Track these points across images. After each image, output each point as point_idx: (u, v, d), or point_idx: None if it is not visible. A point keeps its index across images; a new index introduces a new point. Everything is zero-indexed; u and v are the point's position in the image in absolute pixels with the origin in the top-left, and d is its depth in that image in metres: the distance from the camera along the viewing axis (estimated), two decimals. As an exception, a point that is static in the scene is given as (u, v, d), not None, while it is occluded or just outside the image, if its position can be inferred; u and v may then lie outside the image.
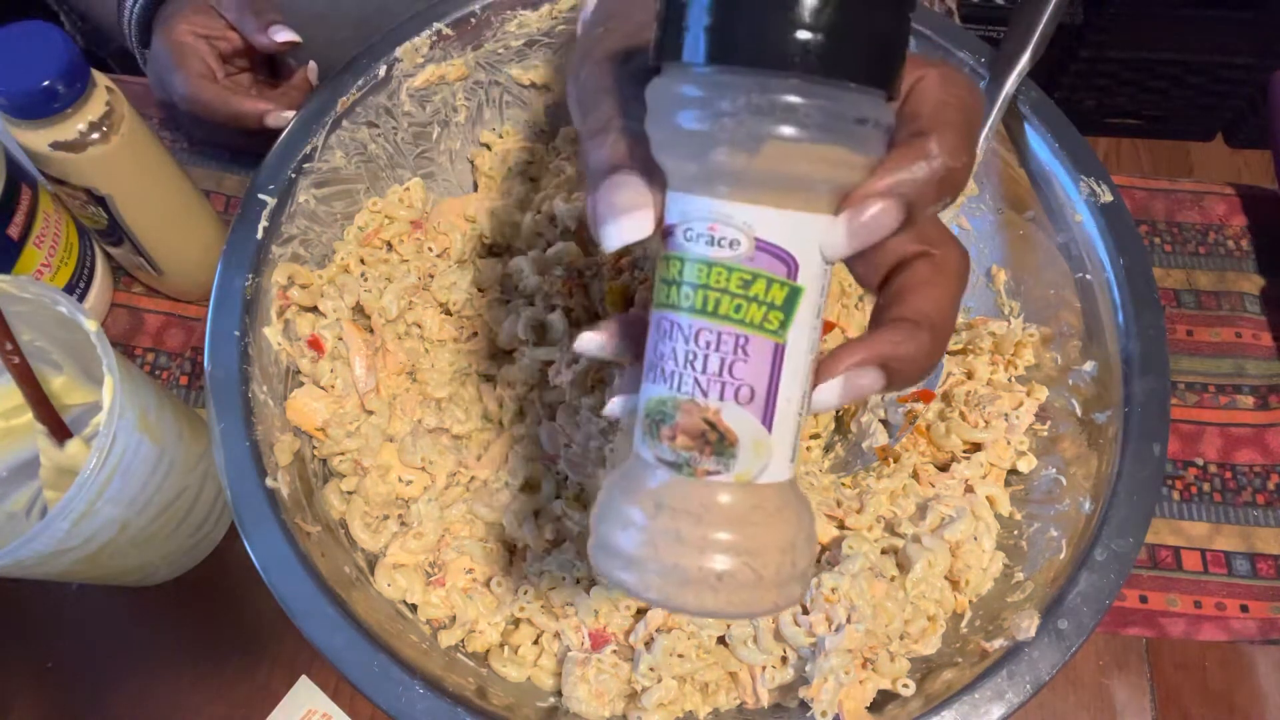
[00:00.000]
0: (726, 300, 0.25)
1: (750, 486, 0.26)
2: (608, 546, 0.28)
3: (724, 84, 0.24)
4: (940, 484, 0.50)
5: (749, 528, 0.26)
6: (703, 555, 0.26)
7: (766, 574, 0.26)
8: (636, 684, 0.44)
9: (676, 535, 0.26)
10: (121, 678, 0.55)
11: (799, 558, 0.27)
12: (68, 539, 0.44)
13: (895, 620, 0.43)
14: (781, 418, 0.26)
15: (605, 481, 0.29)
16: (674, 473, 0.26)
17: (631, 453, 0.28)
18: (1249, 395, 0.63)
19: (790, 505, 0.27)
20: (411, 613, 0.48)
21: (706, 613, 0.26)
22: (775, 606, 0.27)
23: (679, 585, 0.26)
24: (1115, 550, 0.43)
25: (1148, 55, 1.41)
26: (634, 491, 0.27)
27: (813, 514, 0.28)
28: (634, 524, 0.27)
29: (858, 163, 0.25)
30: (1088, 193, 0.50)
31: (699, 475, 0.26)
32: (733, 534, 0.26)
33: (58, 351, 0.53)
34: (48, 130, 0.51)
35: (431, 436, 0.52)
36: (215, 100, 0.57)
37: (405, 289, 0.54)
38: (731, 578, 0.26)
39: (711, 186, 0.25)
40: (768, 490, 0.27)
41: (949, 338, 0.28)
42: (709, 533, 0.26)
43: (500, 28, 0.58)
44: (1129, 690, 0.55)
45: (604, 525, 0.28)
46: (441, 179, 0.62)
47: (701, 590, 0.26)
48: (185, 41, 0.58)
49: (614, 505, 0.28)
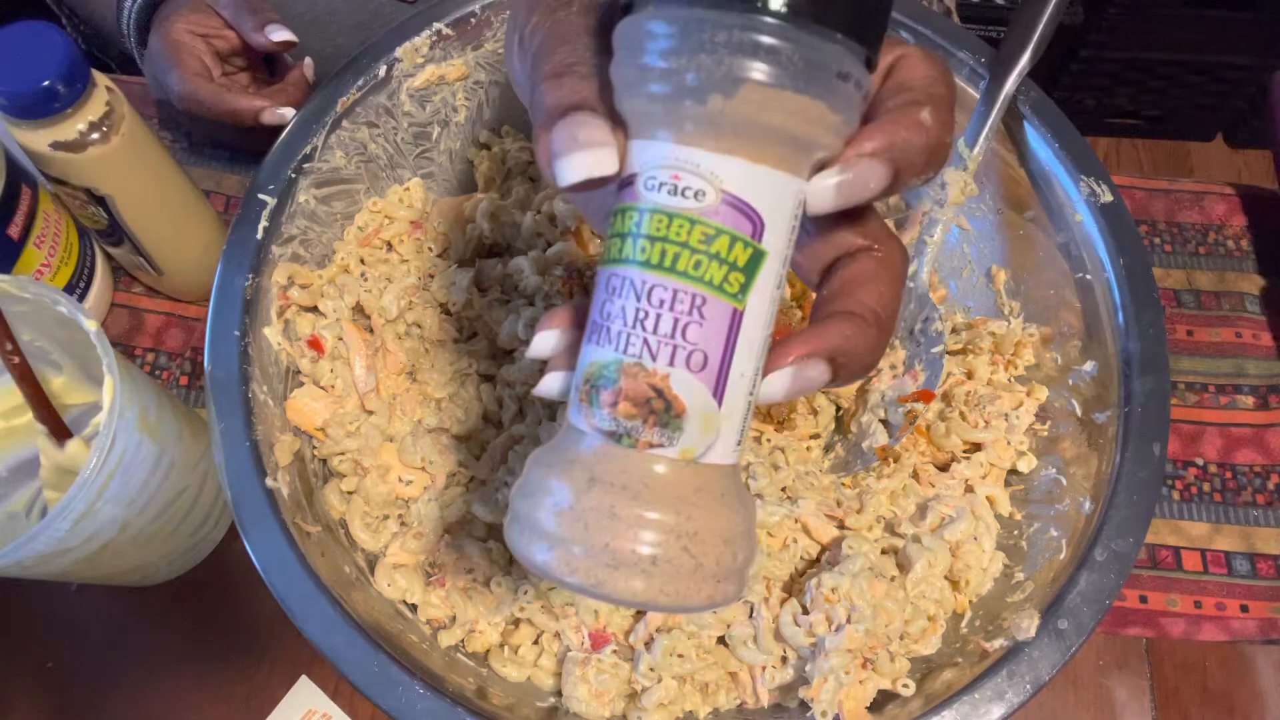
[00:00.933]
0: (686, 255, 0.23)
1: (694, 465, 0.24)
2: (529, 524, 0.25)
3: (705, 20, 0.22)
4: (940, 484, 0.50)
5: (691, 509, 0.24)
6: (638, 536, 0.24)
7: (706, 563, 0.24)
8: (636, 684, 0.44)
9: (610, 512, 0.24)
10: (121, 678, 0.55)
11: (739, 551, 0.25)
12: (68, 539, 0.44)
13: (895, 620, 0.43)
14: (733, 393, 0.24)
15: (530, 456, 0.27)
16: (612, 443, 0.24)
17: (564, 424, 0.26)
18: (1249, 395, 0.63)
19: (734, 493, 0.25)
20: (411, 613, 0.48)
21: (635, 601, 0.24)
22: (710, 602, 0.25)
23: (608, 568, 0.24)
24: (1115, 550, 0.43)
25: (1148, 55, 1.41)
26: (564, 464, 0.25)
27: (755, 512, 0.27)
28: (562, 499, 0.24)
29: (834, 123, 0.24)
30: (1088, 193, 0.50)
31: (640, 447, 0.24)
32: (673, 515, 0.24)
33: (58, 351, 0.53)
34: (48, 130, 0.51)
35: (431, 436, 0.52)
36: (210, 97, 0.57)
37: (405, 289, 0.54)
38: (668, 563, 0.24)
39: (680, 130, 0.23)
40: (712, 472, 0.25)
41: (891, 335, 0.28)
42: (646, 511, 0.24)
43: (500, 28, 0.57)
44: (1129, 690, 0.55)
45: (526, 501, 0.25)
46: (441, 179, 0.62)
47: (632, 575, 0.24)
48: (181, 39, 0.58)
49: (539, 479, 0.25)
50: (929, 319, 0.53)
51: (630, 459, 0.24)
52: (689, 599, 0.24)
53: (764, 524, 0.46)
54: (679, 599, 0.24)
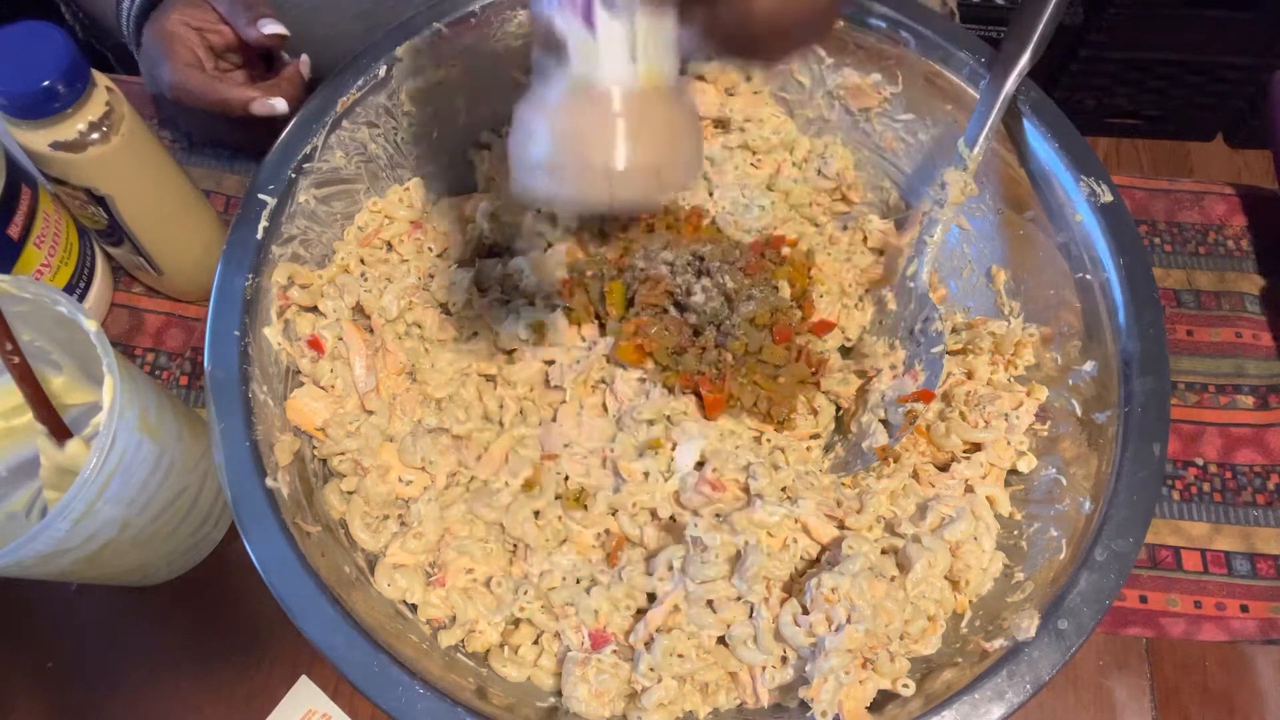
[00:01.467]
0: None
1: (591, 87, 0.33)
2: (525, 162, 0.34)
3: None
4: (940, 484, 0.50)
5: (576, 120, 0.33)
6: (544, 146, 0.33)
7: (595, 163, 0.33)
8: (636, 684, 0.44)
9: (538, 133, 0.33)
10: (121, 678, 0.55)
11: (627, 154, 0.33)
12: (68, 539, 0.44)
13: (895, 620, 0.43)
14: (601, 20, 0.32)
15: (514, 114, 0.35)
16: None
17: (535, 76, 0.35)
18: (1249, 395, 0.64)
19: (636, 108, 0.33)
20: (411, 613, 0.48)
21: (545, 198, 0.35)
22: (610, 198, 0.33)
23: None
24: (1115, 550, 0.43)
25: (1148, 55, 1.40)
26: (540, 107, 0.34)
27: (674, 118, 0.34)
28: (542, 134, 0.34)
29: None
30: (1088, 192, 0.50)
31: None
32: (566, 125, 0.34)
33: (58, 351, 0.53)
34: (48, 130, 0.51)
35: (431, 436, 0.52)
36: (201, 87, 0.57)
37: (405, 289, 0.54)
38: (563, 167, 0.33)
39: None
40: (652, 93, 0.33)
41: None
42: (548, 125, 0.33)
43: (500, 28, 0.58)
44: (1129, 690, 0.55)
45: (518, 147, 0.35)
46: (441, 179, 0.62)
47: (537, 176, 0.34)
48: (175, 30, 0.58)
49: (524, 124, 0.35)
50: (929, 319, 0.53)
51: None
52: (587, 194, 0.33)
53: (764, 524, 0.46)
54: (579, 194, 0.34)
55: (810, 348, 0.55)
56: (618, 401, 0.53)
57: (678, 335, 0.52)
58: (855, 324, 0.58)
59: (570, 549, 0.50)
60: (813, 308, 0.56)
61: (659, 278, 0.53)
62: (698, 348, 0.52)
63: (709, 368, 0.52)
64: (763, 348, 0.52)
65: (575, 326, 0.55)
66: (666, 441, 0.51)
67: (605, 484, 0.51)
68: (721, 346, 0.52)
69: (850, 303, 0.58)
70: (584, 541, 0.50)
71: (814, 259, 0.58)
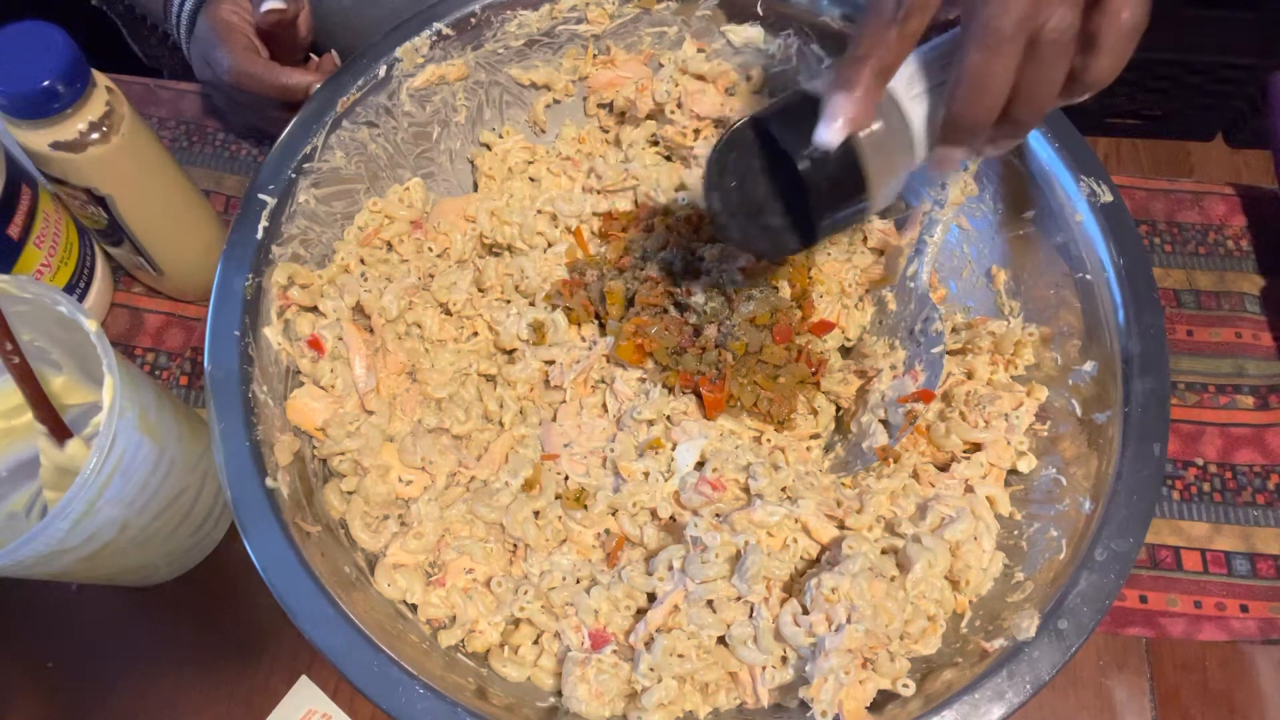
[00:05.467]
0: None
1: None
2: None
3: None
4: (940, 484, 0.50)
5: None
6: None
7: None
8: (636, 684, 0.44)
9: None
10: (121, 678, 0.55)
11: None
12: (68, 539, 0.44)
13: (895, 620, 0.43)
14: None
15: None
16: None
17: None
18: (1249, 395, 0.63)
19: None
20: (411, 613, 0.48)
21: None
22: None
23: None
24: (1115, 550, 0.43)
25: (1148, 55, 1.40)
26: None
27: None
28: None
29: None
30: (1088, 193, 0.50)
31: None
32: None
33: (58, 351, 0.53)
34: (48, 130, 0.51)
35: (431, 436, 0.52)
36: (263, 72, 0.58)
37: (405, 289, 0.54)
38: None
39: None
40: None
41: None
42: None
43: (500, 28, 0.58)
44: (1129, 690, 0.55)
45: None
46: (441, 179, 0.62)
47: None
48: (230, 19, 0.60)
49: None
50: (929, 319, 0.53)
51: None
52: None
53: (764, 524, 0.46)
54: None
55: (810, 348, 0.55)
56: (618, 401, 0.53)
57: (678, 335, 0.52)
58: (855, 324, 0.58)
59: (570, 549, 0.50)
60: (813, 308, 0.56)
61: (659, 278, 0.53)
62: (698, 348, 0.52)
63: (709, 368, 0.52)
64: (763, 348, 0.52)
65: (575, 326, 0.55)
66: (666, 441, 0.51)
67: (605, 484, 0.51)
68: (721, 346, 0.52)
69: (850, 303, 0.58)
70: (584, 541, 0.50)
71: (814, 259, 0.58)
